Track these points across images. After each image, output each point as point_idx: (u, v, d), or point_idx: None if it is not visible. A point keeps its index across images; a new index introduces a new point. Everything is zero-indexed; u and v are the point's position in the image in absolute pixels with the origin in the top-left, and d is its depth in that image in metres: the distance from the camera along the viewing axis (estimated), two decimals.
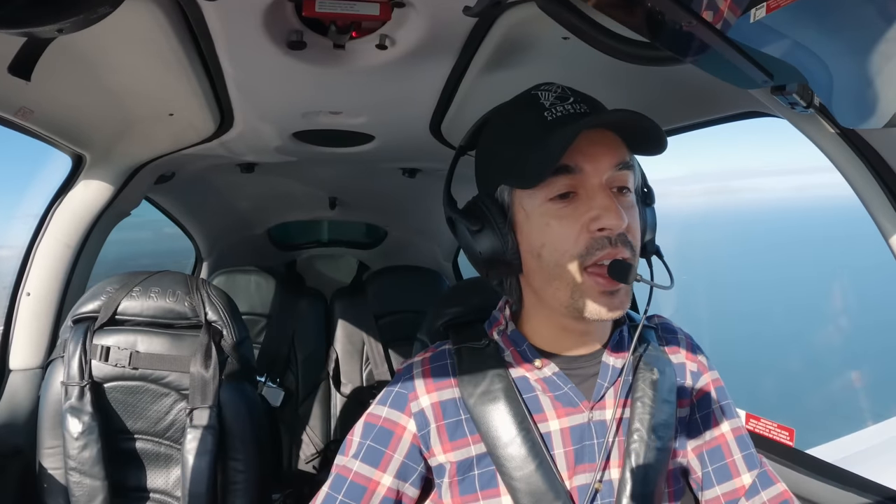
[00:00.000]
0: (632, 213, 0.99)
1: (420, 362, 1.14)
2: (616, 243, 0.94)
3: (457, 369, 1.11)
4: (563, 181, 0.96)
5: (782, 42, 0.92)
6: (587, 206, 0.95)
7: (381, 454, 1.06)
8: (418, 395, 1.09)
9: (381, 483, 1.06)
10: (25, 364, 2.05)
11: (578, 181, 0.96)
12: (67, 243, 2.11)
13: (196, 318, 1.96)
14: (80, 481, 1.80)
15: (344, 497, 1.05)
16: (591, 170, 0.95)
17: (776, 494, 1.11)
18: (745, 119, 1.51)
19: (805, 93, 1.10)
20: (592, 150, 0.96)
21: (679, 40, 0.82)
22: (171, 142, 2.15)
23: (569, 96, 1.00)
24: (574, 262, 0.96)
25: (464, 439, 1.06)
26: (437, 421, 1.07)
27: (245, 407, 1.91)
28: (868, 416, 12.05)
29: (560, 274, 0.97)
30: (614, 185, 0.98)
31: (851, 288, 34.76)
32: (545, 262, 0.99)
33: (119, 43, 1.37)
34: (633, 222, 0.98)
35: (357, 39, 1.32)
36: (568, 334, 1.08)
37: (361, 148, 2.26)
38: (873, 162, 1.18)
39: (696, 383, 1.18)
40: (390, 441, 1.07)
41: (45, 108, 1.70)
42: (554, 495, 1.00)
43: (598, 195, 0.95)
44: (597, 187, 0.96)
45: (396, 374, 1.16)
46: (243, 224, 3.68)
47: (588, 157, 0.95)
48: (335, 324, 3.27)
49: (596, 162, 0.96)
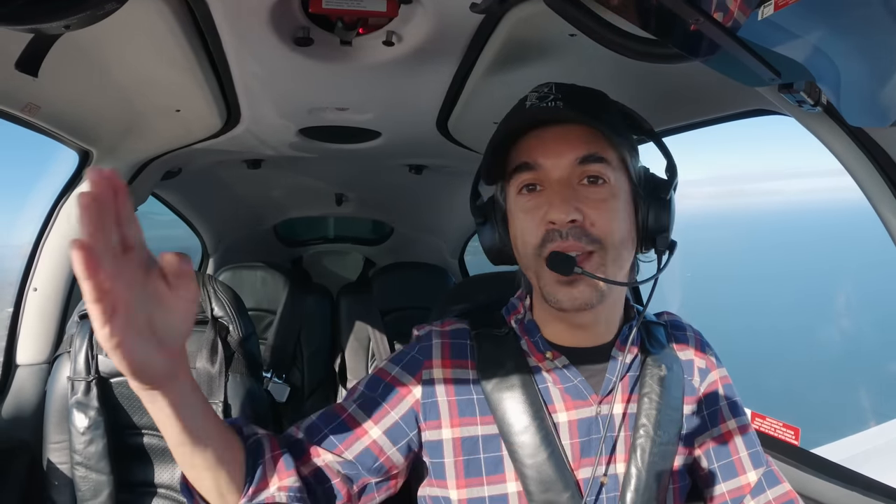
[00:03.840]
0: (602, 205, 1.00)
1: (439, 333, 1.17)
2: (567, 236, 0.98)
3: (476, 352, 1.12)
4: (526, 176, 1.02)
5: (790, 40, 0.91)
6: (545, 200, 1.00)
7: (378, 407, 1.09)
8: (433, 366, 1.11)
9: (368, 433, 1.07)
10: (32, 359, 2.06)
11: (540, 176, 1.01)
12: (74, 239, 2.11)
13: (202, 314, 1.96)
14: (85, 476, 1.81)
15: (329, 431, 1.08)
16: (550, 165, 1.00)
17: (781, 494, 1.11)
18: (753, 117, 1.50)
19: (813, 91, 1.09)
20: (552, 145, 1.01)
21: (687, 38, 0.82)
22: (177, 138, 2.15)
23: (549, 95, 1.02)
24: (534, 253, 1.01)
25: (472, 418, 1.07)
26: (447, 395, 1.08)
27: (251, 402, 1.91)
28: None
29: (527, 265, 1.05)
30: (583, 178, 1.00)
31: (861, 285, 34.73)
32: (519, 252, 1.06)
33: (126, 39, 1.37)
34: (600, 214, 0.99)
35: (364, 36, 1.32)
36: (567, 326, 1.09)
37: (368, 144, 2.26)
38: (880, 160, 1.18)
39: (705, 380, 1.18)
40: (392, 398, 1.09)
41: (52, 104, 1.70)
42: (563, 485, 1.01)
43: (553, 189, 1.00)
44: (555, 181, 1.00)
45: (415, 339, 1.18)
46: (250, 220, 3.69)
47: (547, 152, 1.01)
48: (341, 320, 3.27)
49: (556, 157, 1.00)
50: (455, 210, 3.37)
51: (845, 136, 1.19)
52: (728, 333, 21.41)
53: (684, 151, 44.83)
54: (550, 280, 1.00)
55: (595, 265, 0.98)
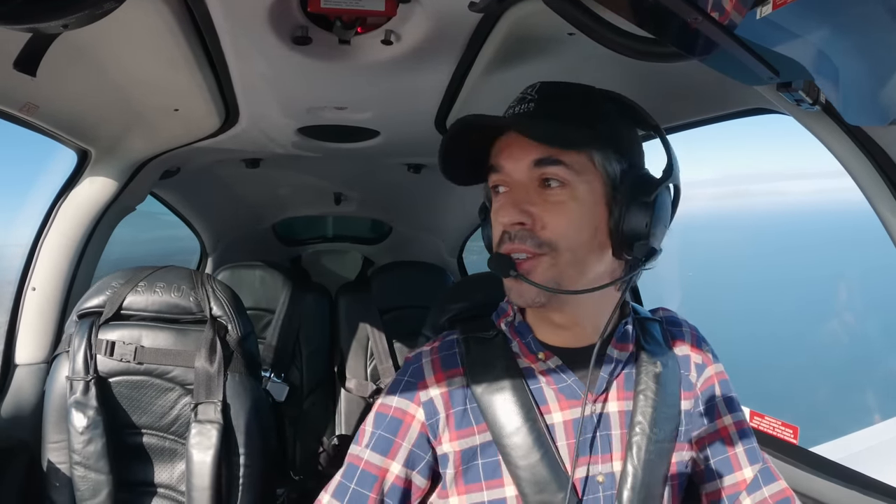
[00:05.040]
0: (556, 208, 0.99)
1: (429, 352, 1.16)
2: (513, 238, 1.00)
3: (465, 358, 1.12)
4: (494, 178, 1.05)
5: (789, 39, 0.91)
6: (504, 202, 1.03)
7: (390, 443, 1.08)
8: (427, 385, 1.10)
9: (389, 471, 1.07)
10: (31, 359, 2.06)
11: (504, 178, 1.03)
12: (73, 238, 2.12)
13: (201, 313, 1.96)
14: (84, 475, 1.81)
15: (356, 486, 1.07)
16: (510, 167, 1.02)
17: (777, 491, 1.11)
18: (752, 116, 1.51)
19: (811, 90, 1.09)
20: (511, 149, 1.02)
21: (685, 37, 0.82)
22: (176, 137, 2.15)
23: (527, 97, 1.04)
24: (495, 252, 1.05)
25: (469, 428, 1.07)
26: (446, 410, 1.08)
27: (250, 402, 1.91)
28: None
29: None
30: (539, 181, 1.01)
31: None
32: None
33: (124, 38, 1.37)
34: (552, 217, 0.99)
35: (362, 35, 1.32)
36: (551, 326, 1.10)
37: (367, 143, 2.26)
38: (879, 159, 1.18)
39: (701, 376, 1.18)
40: (399, 429, 1.09)
41: (51, 104, 1.70)
42: (557, 486, 1.01)
43: (511, 191, 1.03)
44: (514, 183, 1.02)
45: (405, 364, 1.17)
46: (248, 219, 3.69)
47: (507, 155, 1.02)
48: (340, 319, 3.27)
49: (514, 160, 1.02)
50: (453, 209, 3.37)
51: (844, 135, 1.19)
52: (731, 338, 21.48)
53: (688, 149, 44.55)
54: (505, 279, 1.04)
55: (545, 267, 0.99)
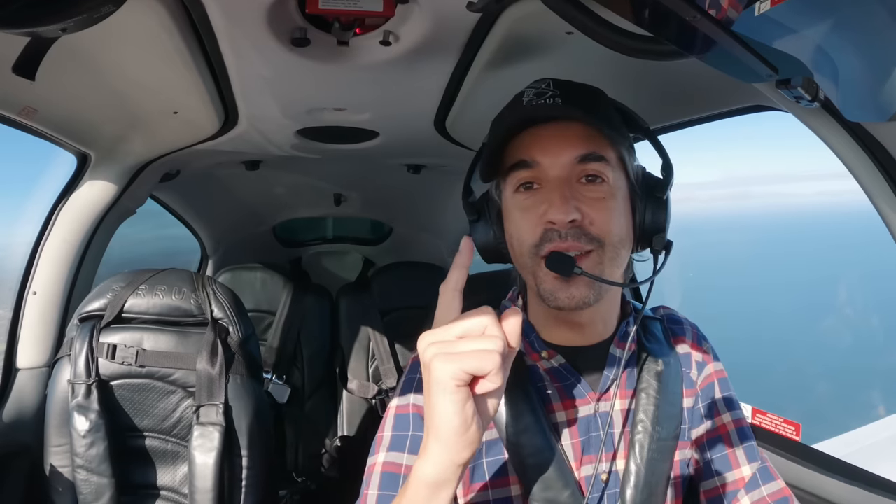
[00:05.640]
0: (601, 204, 0.98)
1: None
2: (566, 236, 0.96)
3: None
4: (524, 174, 1.00)
5: (787, 35, 0.91)
6: (543, 198, 0.98)
7: (417, 440, 1.00)
8: None
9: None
10: (32, 363, 2.06)
11: (538, 174, 0.99)
12: (73, 242, 2.12)
13: (202, 316, 1.96)
14: (87, 479, 1.81)
15: (389, 490, 1.00)
16: (548, 163, 0.99)
17: (776, 490, 1.11)
18: (751, 113, 1.51)
19: (810, 86, 1.09)
20: (551, 143, 0.99)
21: (683, 35, 0.82)
22: (175, 139, 2.15)
23: (547, 91, 1.01)
24: (531, 252, 1.00)
25: None
26: None
27: (251, 404, 1.91)
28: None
29: (524, 264, 1.02)
30: (581, 177, 0.99)
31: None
32: (515, 251, 1.04)
33: (123, 41, 1.37)
34: (599, 214, 0.98)
35: (361, 36, 1.32)
36: (562, 325, 1.08)
37: (366, 144, 2.26)
38: (878, 155, 1.18)
39: (701, 374, 1.18)
40: (423, 425, 1.06)
41: (50, 108, 1.70)
42: (563, 484, 1.01)
43: (552, 188, 0.98)
44: (553, 180, 0.98)
45: (413, 363, 1.15)
46: (248, 221, 3.69)
47: (545, 150, 0.99)
48: (341, 320, 3.27)
49: (554, 155, 0.99)
50: (453, 209, 3.37)
51: (843, 132, 1.19)
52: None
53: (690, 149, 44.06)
54: (548, 279, 0.98)
55: (593, 264, 0.98)
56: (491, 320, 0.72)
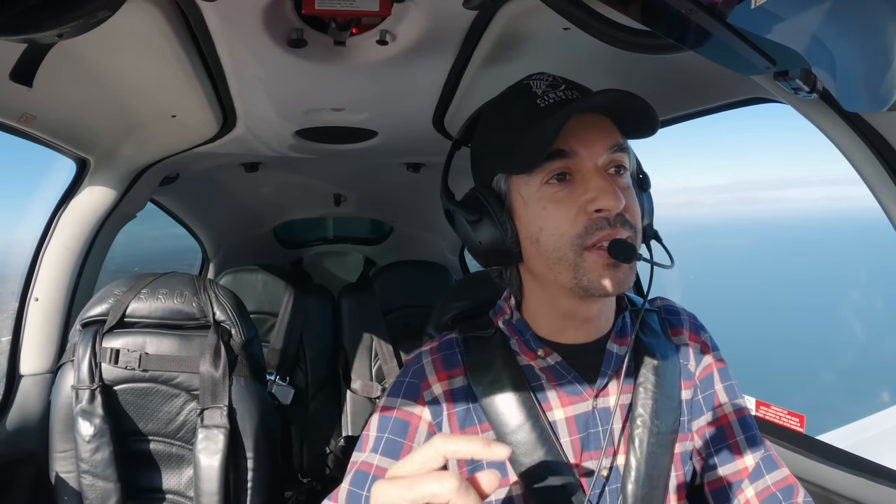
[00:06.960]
0: (629, 193, 0.99)
1: (429, 351, 1.15)
2: (615, 224, 0.95)
3: (465, 358, 1.11)
4: (558, 164, 0.97)
5: (784, 27, 0.91)
6: (583, 189, 0.96)
7: (399, 445, 1.06)
8: (430, 384, 1.09)
9: None
10: (36, 369, 2.06)
11: (573, 164, 0.97)
12: (74, 247, 2.12)
13: (204, 319, 1.96)
14: (92, 484, 1.81)
15: (368, 493, 1.00)
16: (586, 153, 0.97)
17: (780, 479, 1.11)
18: (749, 105, 1.50)
19: (808, 78, 1.09)
20: (586, 133, 0.97)
21: (679, 28, 0.82)
22: (174, 143, 2.15)
23: (560, 84, 1.01)
24: (573, 243, 0.97)
25: (472, 427, 1.06)
26: (448, 409, 1.07)
27: (255, 406, 1.92)
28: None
29: (560, 256, 0.98)
30: (610, 167, 0.99)
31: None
32: (543, 246, 1.00)
33: (120, 46, 1.37)
34: (632, 202, 0.99)
35: (357, 36, 1.32)
36: (569, 321, 1.08)
37: (365, 144, 2.26)
38: (878, 146, 1.18)
39: (700, 364, 1.18)
40: (407, 431, 1.07)
41: (48, 114, 1.70)
42: (563, 481, 1.01)
43: (593, 177, 0.96)
44: (592, 170, 0.97)
45: (405, 365, 1.16)
46: (249, 223, 3.69)
47: (581, 140, 0.97)
48: (343, 320, 3.27)
49: (590, 145, 0.97)
50: None
51: (842, 123, 1.19)
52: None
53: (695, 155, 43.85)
54: (596, 266, 0.96)
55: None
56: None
